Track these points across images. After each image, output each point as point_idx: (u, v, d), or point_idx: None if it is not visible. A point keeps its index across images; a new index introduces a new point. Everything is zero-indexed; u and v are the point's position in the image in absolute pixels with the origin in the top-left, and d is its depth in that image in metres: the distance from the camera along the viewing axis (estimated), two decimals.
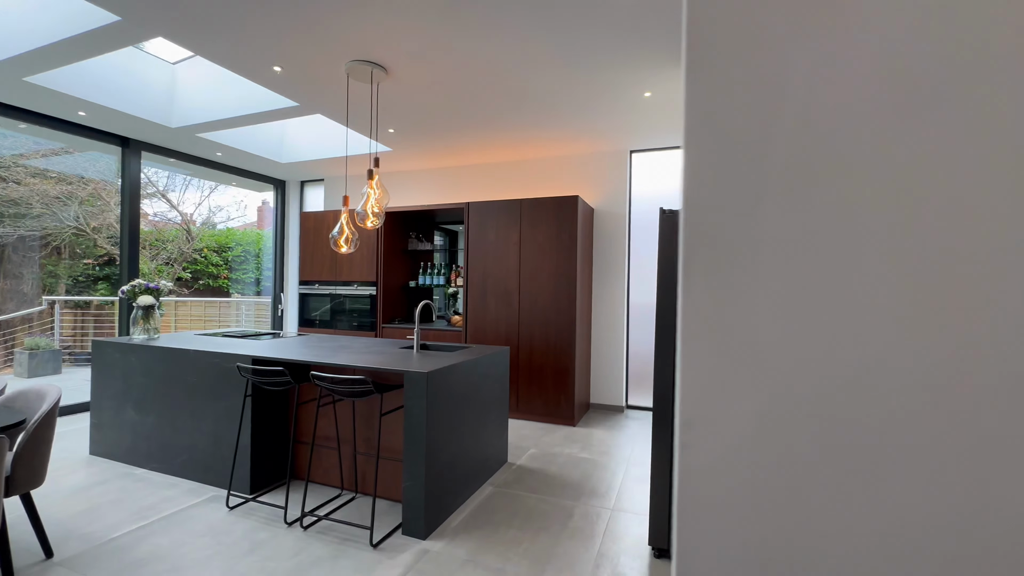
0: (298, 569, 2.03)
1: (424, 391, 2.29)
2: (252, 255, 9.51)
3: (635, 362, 4.83)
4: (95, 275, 7.90)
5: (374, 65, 3.01)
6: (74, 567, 2.02)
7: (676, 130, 4.16)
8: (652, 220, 4.74)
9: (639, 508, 2.66)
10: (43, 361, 6.09)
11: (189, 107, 4.17)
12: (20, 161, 6.40)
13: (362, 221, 3.02)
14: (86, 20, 2.72)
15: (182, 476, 2.94)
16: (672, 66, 2.98)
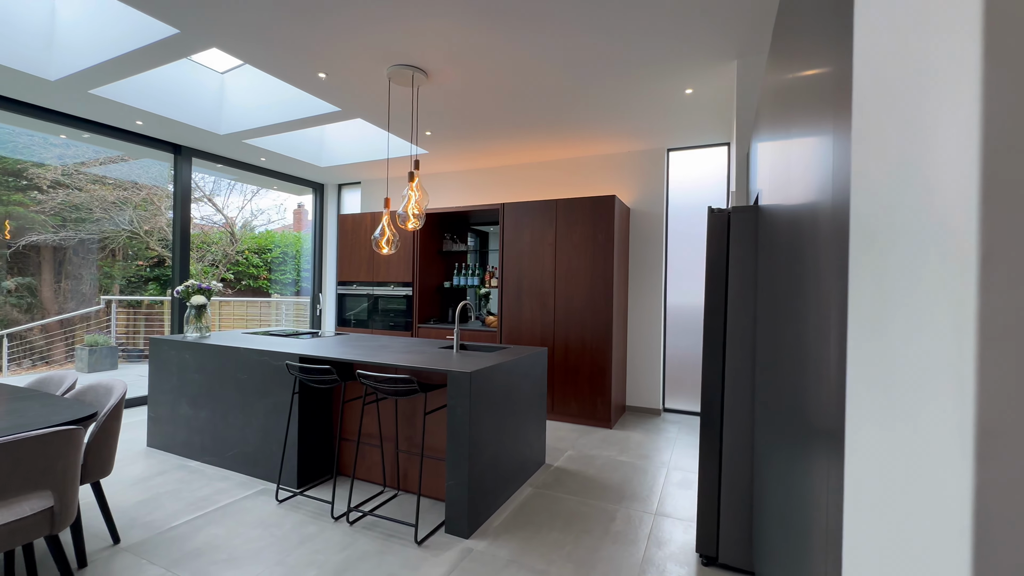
0: (347, 563, 2.08)
1: (467, 391, 2.31)
2: (290, 256, 9.82)
3: (672, 364, 4.74)
4: (146, 276, 8.32)
5: (415, 69, 3.05)
6: (139, 553, 2.13)
7: (718, 127, 4.06)
8: (690, 220, 4.64)
9: (683, 514, 2.60)
10: (101, 357, 6.45)
11: (237, 114, 4.34)
12: (82, 169, 6.81)
13: (403, 223, 3.07)
14: (147, 34, 2.87)
15: (233, 469, 3.05)
16: (717, 61, 2.90)
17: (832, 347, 0.71)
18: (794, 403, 1.03)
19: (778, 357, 1.27)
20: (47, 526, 1.67)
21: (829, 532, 0.69)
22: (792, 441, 1.04)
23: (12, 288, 6.53)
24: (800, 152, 0.99)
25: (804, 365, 0.92)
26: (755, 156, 2.45)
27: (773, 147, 1.48)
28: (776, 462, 1.30)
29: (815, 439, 0.81)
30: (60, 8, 3.25)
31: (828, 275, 0.74)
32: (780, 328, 1.24)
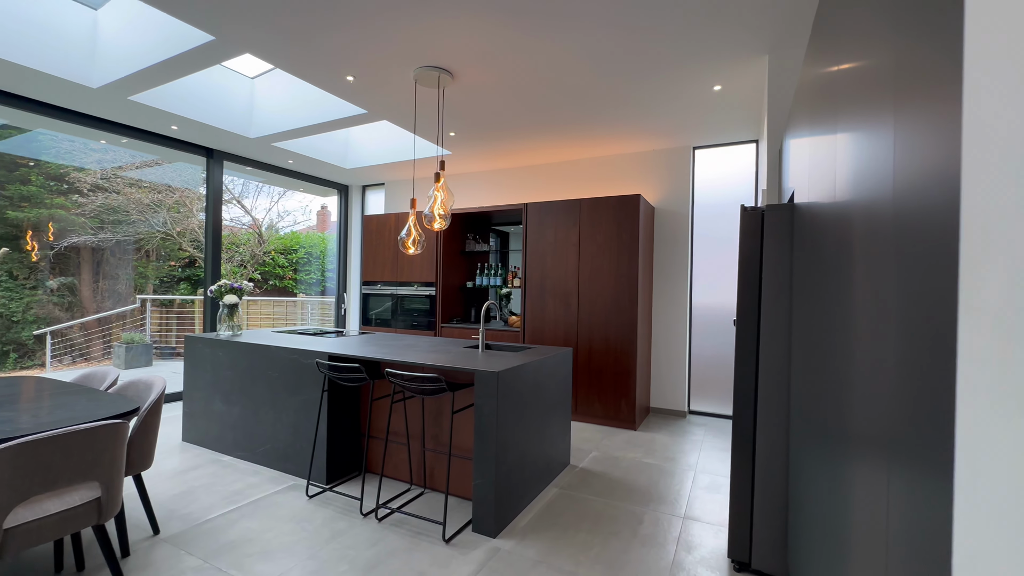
0: (377, 559, 2.11)
1: (495, 390, 2.31)
2: (314, 257, 10.01)
3: (697, 366, 4.66)
4: (178, 276, 8.59)
5: (441, 70, 3.08)
6: (178, 544, 2.19)
7: (745, 124, 3.98)
8: (716, 219, 4.56)
9: (712, 518, 2.56)
10: (137, 354, 6.69)
11: (266, 118, 4.44)
12: (119, 172, 7.07)
13: (429, 223, 3.09)
14: (184, 41, 2.96)
15: (264, 464, 3.12)
16: (748, 56, 2.84)
17: (890, 347, 0.68)
18: (841, 408, 1.00)
19: (821, 359, 1.23)
20: (95, 516, 1.73)
21: (890, 536, 0.67)
22: (840, 447, 1.01)
23: (55, 287, 6.82)
24: (850, 147, 0.96)
25: (854, 368, 0.89)
26: (788, 153, 2.39)
27: (813, 143, 1.44)
28: (818, 467, 1.27)
29: (870, 445, 0.78)
30: (102, 18, 3.38)
31: (885, 273, 0.72)
32: (823, 329, 1.21)
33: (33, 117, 3.86)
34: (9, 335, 6.60)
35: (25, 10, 3.06)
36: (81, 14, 3.33)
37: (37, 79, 3.28)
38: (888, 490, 0.68)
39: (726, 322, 4.51)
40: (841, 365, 1.01)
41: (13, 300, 6.61)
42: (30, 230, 6.59)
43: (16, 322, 6.63)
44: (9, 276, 6.56)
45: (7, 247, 6.40)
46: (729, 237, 4.50)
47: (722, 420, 4.48)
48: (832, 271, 1.13)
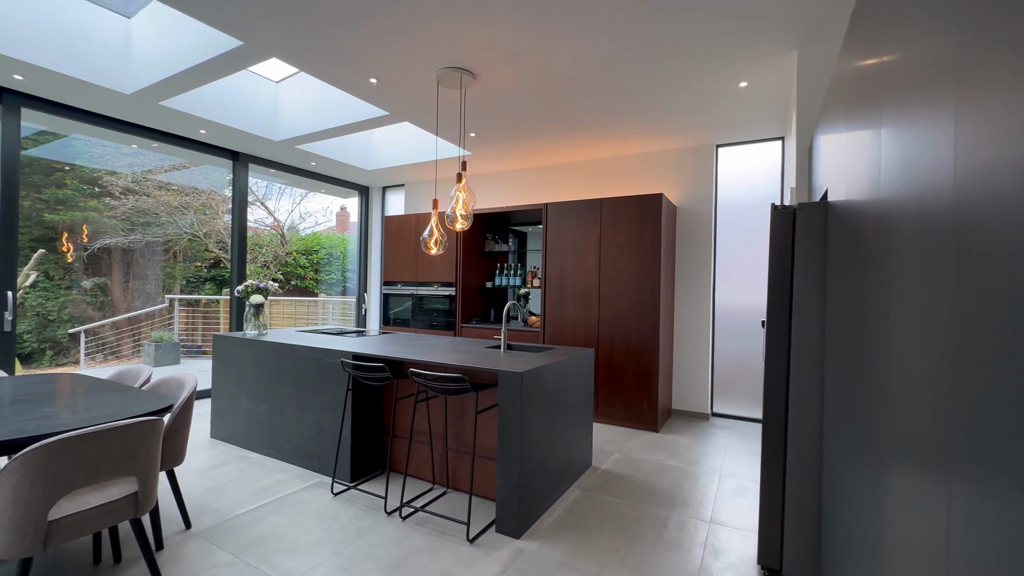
0: (402, 557, 2.12)
1: (518, 390, 2.31)
2: (335, 257, 10.15)
3: (720, 367, 4.58)
4: (203, 276, 8.81)
5: (463, 71, 3.09)
6: (209, 539, 2.24)
7: (771, 121, 3.89)
8: (740, 218, 4.48)
9: (740, 523, 2.51)
10: (166, 352, 6.88)
11: (290, 121, 4.52)
12: (149, 176, 7.29)
13: (451, 223, 3.10)
14: (213, 47, 3.03)
15: (289, 461, 3.18)
16: (776, 51, 2.78)
17: (948, 351, 0.65)
18: (886, 415, 0.96)
19: (862, 363, 1.19)
20: (132, 509, 1.78)
21: (951, 554, 0.64)
22: (885, 456, 0.97)
23: (89, 287, 7.06)
24: (898, 142, 0.93)
25: (904, 373, 0.86)
26: (818, 150, 2.33)
27: (852, 138, 1.40)
28: (857, 476, 1.23)
29: (924, 455, 0.75)
30: (135, 26, 3.48)
31: (942, 272, 0.69)
32: (864, 331, 1.17)
33: (70, 123, 4.00)
34: (45, 333, 6.86)
35: (63, 20, 3.17)
36: (116, 23, 3.43)
37: (74, 86, 3.40)
38: (949, 505, 0.65)
39: (750, 323, 4.43)
40: (888, 369, 0.97)
41: (49, 300, 6.85)
42: (65, 232, 6.83)
43: (52, 321, 6.88)
44: (46, 276, 6.82)
45: (44, 248, 6.65)
46: (753, 236, 4.42)
47: (746, 423, 4.40)
48: (874, 271, 1.09)
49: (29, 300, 6.63)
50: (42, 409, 1.92)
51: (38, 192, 6.64)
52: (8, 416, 1.81)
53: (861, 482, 1.19)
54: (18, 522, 1.49)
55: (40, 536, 1.53)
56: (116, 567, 2.00)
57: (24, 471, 1.48)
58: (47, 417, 1.81)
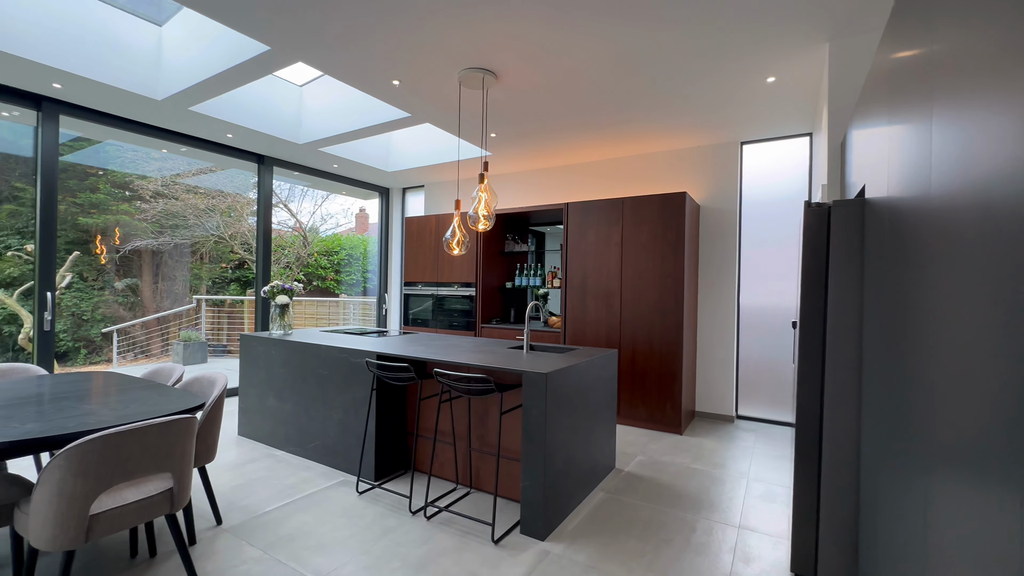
0: (428, 557, 2.13)
1: (543, 391, 2.29)
2: (355, 258, 10.28)
3: (745, 369, 4.49)
4: (228, 277, 9.01)
5: (485, 71, 3.09)
6: (240, 535, 2.29)
7: (798, 117, 3.80)
8: (766, 216, 4.38)
9: (770, 529, 2.45)
10: (193, 351, 7.05)
11: (313, 124, 4.59)
12: (177, 180, 7.49)
13: (474, 224, 3.10)
14: (241, 52, 3.09)
15: (314, 460, 3.22)
16: (806, 45, 2.71)
17: (1005, 350, 0.62)
18: (940, 422, 0.92)
19: (911, 366, 1.15)
20: (167, 505, 1.82)
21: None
22: (939, 465, 0.93)
23: (121, 288, 7.29)
24: (954, 135, 0.89)
25: (963, 379, 0.82)
26: (852, 145, 2.26)
27: (896, 132, 1.35)
28: (903, 485, 1.18)
29: (988, 465, 0.71)
30: (166, 33, 3.58)
31: (1010, 271, 0.65)
32: (914, 332, 1.12)
33: (104, 129, 4.13)
34: (80, 332, 7.10)
35: (99, 30, 3.28)
36: (147, 31, 3.53)
37: (109, 93, 3.51)
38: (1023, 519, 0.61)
39: (776, 323, 4.33)
40: (944, 372, 0.93)
41: (83, 300, 7.10)
42: (99, 235, 7.07)
43: (86, 320, 7.13)
44: (80, 278, 7.06)
45: (78, 251, 6.89)
46: (779, 235, 4.32)
47: (773, 426, 4.30)
48: (926, 268, 1.05)
49: (64, 300, 6.87)
50: (82, 406, 1.98)
51: (73, 196, 6.89)
52: (51, 413, 1.87)
53: (909, 489, 1.14)
54: (62, 515, 1.54)
55: (82, 529, 1.58)
56: (152, 561, 2.05)
57: (67, 466, 1.52)
58: (87, 414, 1.87)
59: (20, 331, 6.28)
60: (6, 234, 6.41)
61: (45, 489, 1.52)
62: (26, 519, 1.59)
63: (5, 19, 2.90)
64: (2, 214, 6.35)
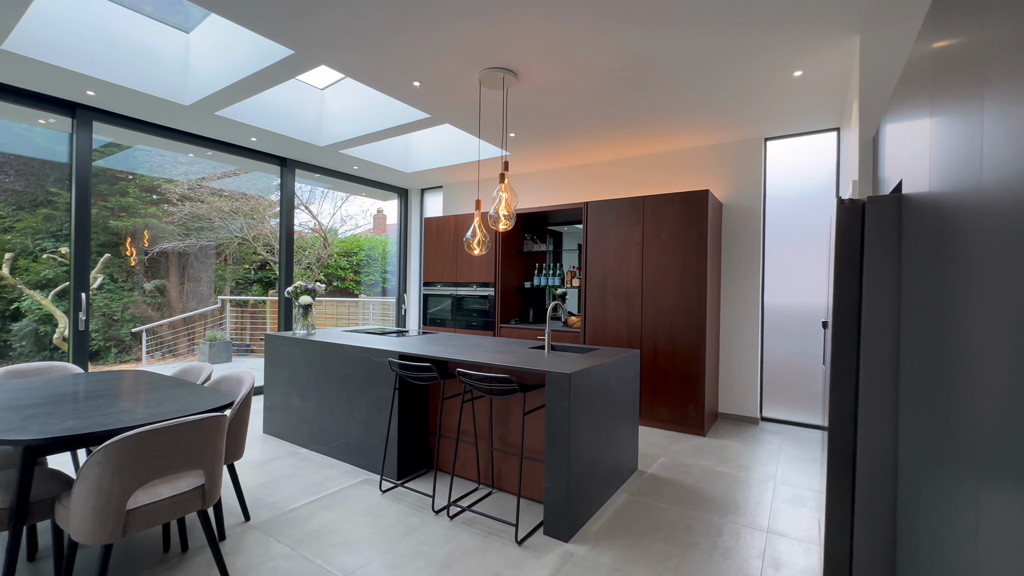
0: (452, 557, 2.13)
1: (567, 392, 2.28)
2: (373, 259, 10.39)
3: (770, 370, 4.40)
4: (251, 278, 9.20)
5: (506, 71, 3.08)
6: (267, 531, 2.32)
7: (825, 111, 3.70)
8: (791, 214, 4.28)
9: (800, 534, 2.39)
10: (219, 350, 7.21)
11: (334, 127, 4.65)
12: (203, 183, 7.67)
13: (495, 224, 3.10)
14: (266, 57, 3.15)
15: (337, 458, 3.26)
16: (835, 38, 2.64)
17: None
18: (1004, 426, 0.88)
19: (959, 369, 1.10)
20: (199, 501, 1.86)
21: None
22: (993, 474, 0.89)
23: (149, 289, 7.50)
24: (1008, 125, 0.85)
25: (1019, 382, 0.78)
26: (886, 139, 2.19)
27: (937, 125, 1.30)
28: (954, 491, 1.13)
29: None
30: (194, 40, 3.66)
31: None
32: (967, 333, 1.08)
33: (134, 134, 4.25)
34: (111, 332, 7.33)
35: (130, 38, 3.37)
36: (176, 38, 3.62)
37: (139, 99, 3.60)
38: None
39: (801, 323, 4.23)
40: (1002, 376, 0.89)
41: (114, 301, 7.32)
42: (128, 237, 7.29)
43: (116, 320, 7.35)
44: (110, 279, 7.29)
45: (109, 253, 7.11)
46: (805, 233, 4.22)
47: (799, 428, 4.20)
48: (976, 268, 1.00)
49: (96, 301, 7.10)
50: (117, 404, 2.04)
51: (104, 200, 7.11)
52: (88, 410, 1.93)
53: (955, 496, 1.10)
54: (100, 510, 1.58)
55: (119, 524, 1.62)
56: (184, 556, 2.10)
57: (105, 462, 1.56)
58: (123, 412, 1.92)
59: (55, 331, 6.51)
60: (41, 237, 6.66)
61: (84, 484, 1.57)
62: (66, 513, 1.64)
63: (43, 29, 3.00)
64: (38, 218, 6.59)
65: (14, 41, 2.90)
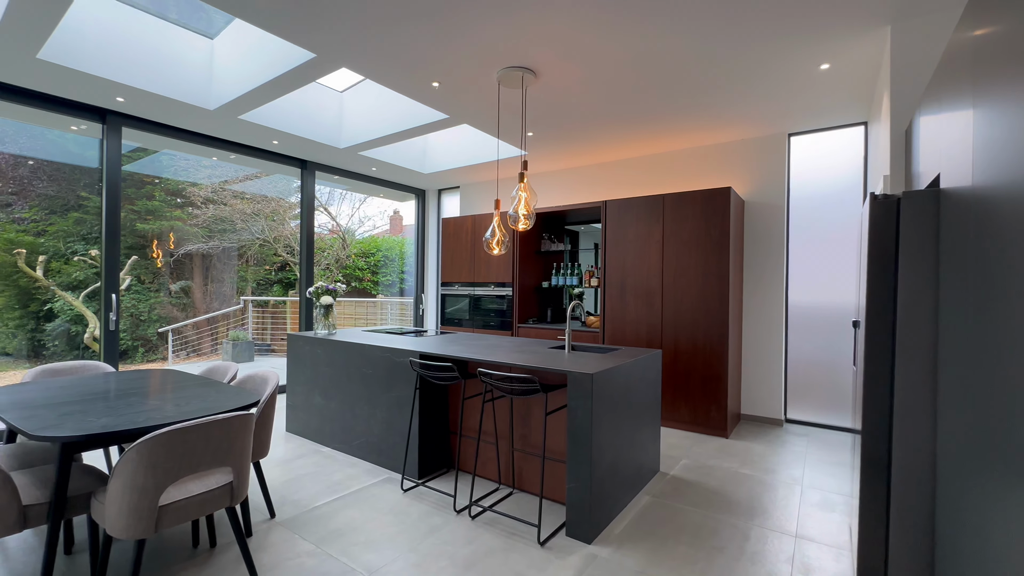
0: (474, 557, 2.13)
1: (589, 392, 2.26)
2: (391, 259, 10.48)
3: (794, 371, 4.30)
4: (271, 279, 9.35)
5: (525, 70, 3.07)
6: (292, 528, 2.35)
7: (852, 105, 3.61)
8: (815, 211, 4.18)
9: (830, 539, 2.33)
10: (241, 350, 7.35)
11: (353, 129, 4.70)
12: (225, 186, 7.84)
13: (514, 223, 3.09)
14: (288, 60, 3.19)
15: (359, 457, 3.29)
16: (865, 29, 2.56)
17: None
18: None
19: (1012, 370, 1.05)
20: (228, 498, 1.89)
21: None
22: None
23: (175, 291, 7.68)
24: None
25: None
26: (920, 132, 2.12)
27: (982, 116, 1.25)
28: (997, 498, 1.08)
29: None
30: (218, 46, 3.73)
31: None
32: (1013, 336, 1.03)
33: (161, 139, 4.36)
34: (138, 332, 7.53)
35: (157, 45, 3.45)
36: (200, 44, 3.70)
37: (166, 105, 3.69)
38: None
39: (828, 322, 4.12)
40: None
41: (141, 302, 7.52)
42: (155, 240, 7.48)
43: (143, 321, 7.55)
44: (138, 281, 7.48)
45: (136, 255, 7.31)
46: (830, 230, 4.11)
47: (825, 430, 4.10)
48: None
49: (124, 302, 7.30)
50: (148, 402, 2.09)
51: (131, 204, 7.31)
52: (121, 408, 1.98)
53: (1004, 503, 1.05)
54: (134, 506, 1.62)
55: (153, 520, 1.66)
56: (212, 551, 2.14)
57: (139, 459, 1.60)
58: (154, 410, 1.96)
59: (85, 331, 6.72)
60: (73, 240, 6.87)
61: (119, 481, 1.61)
62: (102, 508, 1.69)
63: (74, 38, 3.09)
64: (69, 222, 6.80)
65: (48, 50, 2.99)
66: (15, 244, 6.32)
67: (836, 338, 4.10)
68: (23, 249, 6.30)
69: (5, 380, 6.25)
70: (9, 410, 1.90)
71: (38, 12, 2.57)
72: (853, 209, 4.03)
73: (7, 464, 2.04)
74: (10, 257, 6.29)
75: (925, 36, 2.46)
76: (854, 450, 2.34)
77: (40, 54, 2.97)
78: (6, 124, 6.36)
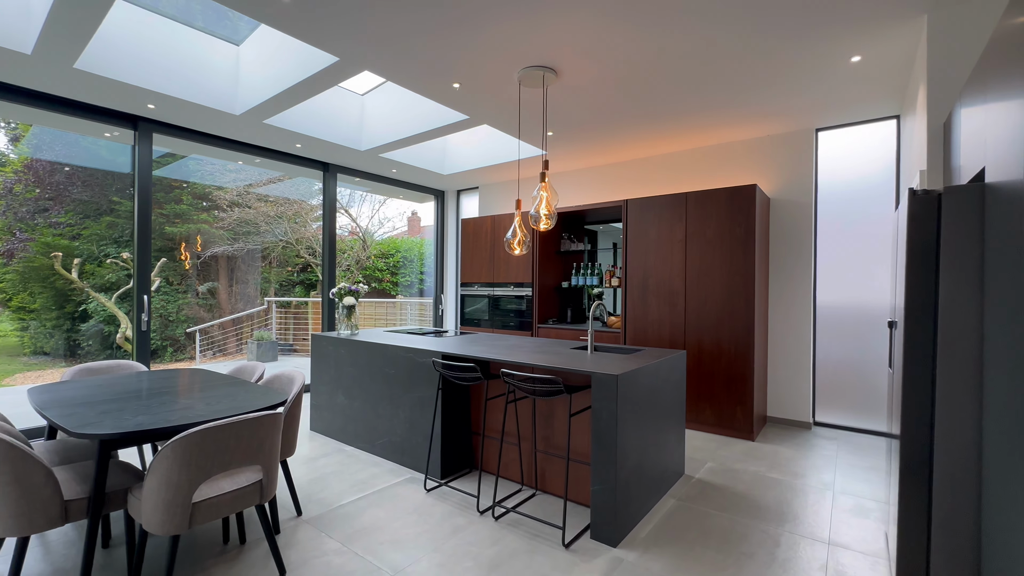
0: (499, 558, 2.12)
1: (614, 393, 2.23)
2: (410, 260, 10.56)
3: (823, 372, 4.18)
4: (294, 280, 9.52)
5: (546, 69, 3.05)
6: (318, 527, 2.38)
7: (884, 98, 3.49)
8: (845, 208, 4.06)
9: (865, 547, 2.25)
10: (266, 350, 7.51)
11: (374, 131, 4.74)
12: (250, 189, 8.01)
13: (535, 223, 3.08)
14: (311, 65, 3.24)
15: (382, 456, 3.31)
16: (899, 18, 2.47)
17: None
18: None
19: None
20: (257, 496, 1.93)
21: None
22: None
23: (202, 292, 7.89)
24: None
25: None
26: (961, 125, 2.03)
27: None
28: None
29: None
30: (243, 52, 3.81)
31: None
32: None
33: (189, 144, 4.47)
34: (167, 332, 7.74)
35: (186, 53, 3.54)
36: (227, 51, 3.78)
37: (195, 111, 3.79)
38: None
39: (858, 323, 4.00)
40: None
41: (169, 303, 7.73)
42: (183, 242, 7.69)
43: (171, 321, 7.76)
44: (166, 282, 7.70)
45: (165, 258, 7.52)
46: (860, 227, 3.99)
47: (856, 434, 3.97)
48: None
49: (153, 303, 7.53)
50: (180, 401, 2.14)
51: (160, 208, 7.53)
52: (154, 407, 2.03)
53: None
54: (169, 502, 1.66)
55: (186, 516, 1.69)
56: (242, 548, 2.18)
57: (174, 457, 1.64)
58: (186, 408, 2.01)
59: (118, 331, 6.94)
60: (105, 243, 7.11)
61: (155, 477, 1.65)
62: (138, 504, 1.73)
63: (109, 48, 3.19)
64: (102, 225, 7.04)
65: (84, 60, 3.10)
66: (52, 248, 6.57)
67: (867, 339, 3.97)
68: (59, 252, 6.55)
69: (44, 378, 6.51)
70: (51, 407, 1.97)
71: (76, 24, 2.65)
72: (884, 206, 3.90)
73: (48, 460, 2.12)
74: (48, 260, 6.55)
75: (964, 24, 2.36)
76: (890, 455, 2.26)
77: (77, 64, 3.08)
78: (44, 132, 6.63)
